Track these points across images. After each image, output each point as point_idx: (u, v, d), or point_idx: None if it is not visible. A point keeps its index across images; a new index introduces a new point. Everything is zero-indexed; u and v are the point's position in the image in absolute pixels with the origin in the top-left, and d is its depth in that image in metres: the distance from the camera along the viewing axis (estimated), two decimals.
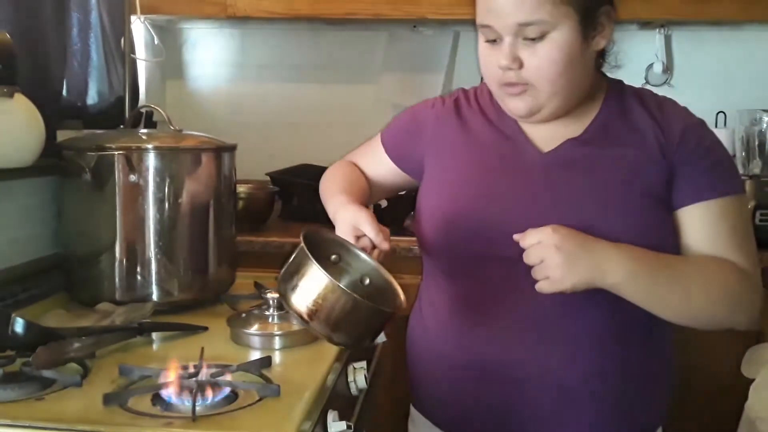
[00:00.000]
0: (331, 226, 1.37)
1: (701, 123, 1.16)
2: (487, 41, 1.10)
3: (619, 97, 1.17)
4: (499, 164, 1.17)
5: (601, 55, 1.16)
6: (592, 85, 1.16)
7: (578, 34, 1.06)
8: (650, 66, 2.42)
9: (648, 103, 1.16)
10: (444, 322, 1.20)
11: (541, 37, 1.05)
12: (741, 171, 2.04)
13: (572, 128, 1.16)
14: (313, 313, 0.97)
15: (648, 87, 2.00)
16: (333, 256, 1.09)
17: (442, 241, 1.17)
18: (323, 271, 0.96)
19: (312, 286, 0.97)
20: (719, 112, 2.25)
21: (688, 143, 1.11)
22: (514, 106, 1.12)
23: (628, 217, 1.09)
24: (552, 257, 1.00)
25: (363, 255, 1.09)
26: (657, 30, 2.39)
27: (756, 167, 2.00)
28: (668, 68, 2.42)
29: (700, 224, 1.11)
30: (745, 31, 2.37)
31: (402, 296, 1.05)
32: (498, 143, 1.19)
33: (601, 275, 1.02)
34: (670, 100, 1.19)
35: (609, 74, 1.21)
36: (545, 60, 1.06)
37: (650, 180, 1.11)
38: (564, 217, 1.08)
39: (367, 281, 1.09)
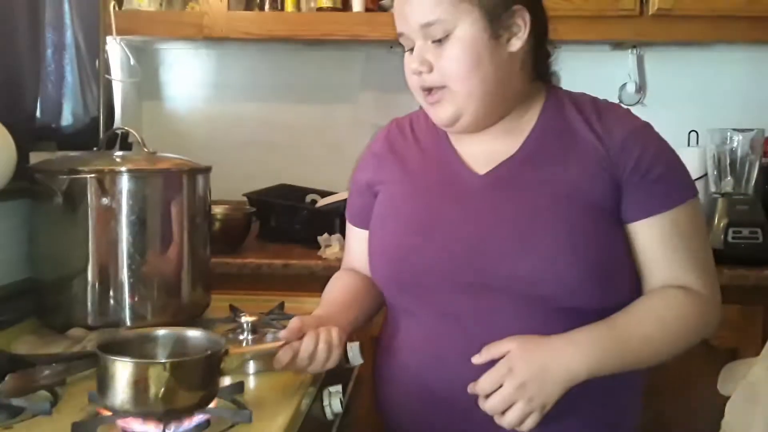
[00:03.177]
0: (311, 246, 1.35)
1: (644, 126, 1.14)
2: (407, 51, 1.13)
3: (557, 107, 1.16)
4: (438, 192, 1.17)
5: (536, 65, 1.16)
6: (525, 94, 1.15)
7: (483, 31, 1.08)
8: (623, 86, 2.45)
9: (586, 112, 1.14)
10: (413, 355, 1.17)
11: (446, 37, 1.08)
12: (713, 189, 2.06)
13: (507, 144, 1.15)
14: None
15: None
16: None
17: (394, 276, 1.17)
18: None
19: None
20: (691, 131, 2.27)
21: (631, 152, 1.10)
22: (436, 115, 1.14)
23: (573, 233, 1.08)
24: (522, 396, 1.00)
25: None
26: (629, 50, 2.43)
27: (728, 186, 2.02)
28: (641, 88, 2.45)
29: (655, 240, 1.11)
30: (715, 51, 2.40)
31: None
32: (434, 170, 1.19)
33: (572, 379, 1.03)
34: (610, 105, 1.17)
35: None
36: (451, 59, 1.08)
37: (592, 193, 1.10)
38: (508, 238, 1.09)
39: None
